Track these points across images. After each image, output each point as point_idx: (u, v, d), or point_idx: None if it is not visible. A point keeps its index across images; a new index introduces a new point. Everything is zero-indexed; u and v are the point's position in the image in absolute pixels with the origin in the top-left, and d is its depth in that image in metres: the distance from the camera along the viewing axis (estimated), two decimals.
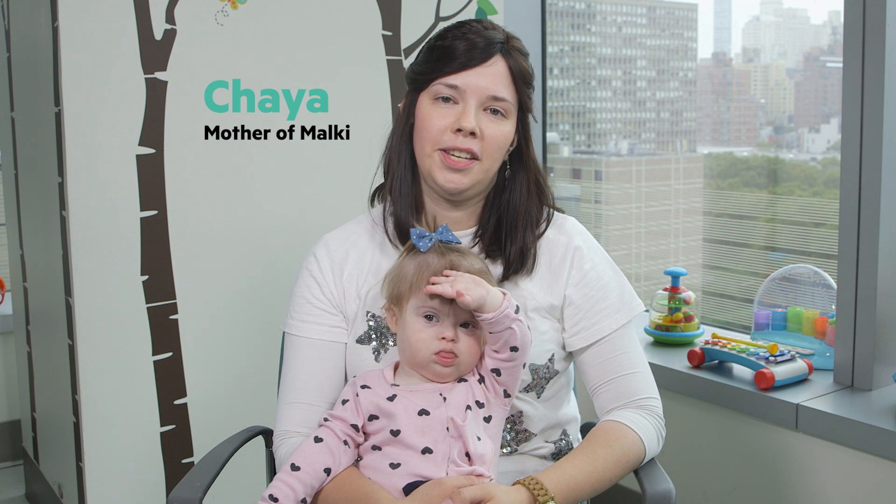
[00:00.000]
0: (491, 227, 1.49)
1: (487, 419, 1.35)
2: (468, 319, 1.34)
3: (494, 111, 1.43)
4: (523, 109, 1.48)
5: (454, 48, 1.42)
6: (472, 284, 1.28)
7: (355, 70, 2.34)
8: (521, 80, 1.45)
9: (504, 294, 1.31)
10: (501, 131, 1.44)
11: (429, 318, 1.34)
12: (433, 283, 1.30)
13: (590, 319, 1.48)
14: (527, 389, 1.46)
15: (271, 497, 1.29)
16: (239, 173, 2.22)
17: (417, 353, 1.34)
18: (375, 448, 1.33)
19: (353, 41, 2.34)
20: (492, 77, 1.42)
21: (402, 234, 1.48)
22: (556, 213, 1.56)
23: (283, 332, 1.55)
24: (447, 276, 1.31)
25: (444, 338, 1.32)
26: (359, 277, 1.51)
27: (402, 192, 1.49)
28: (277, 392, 1.56)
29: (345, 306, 1.51)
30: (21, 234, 2.66)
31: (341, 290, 1.51)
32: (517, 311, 1.31)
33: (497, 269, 1.47)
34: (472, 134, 1.41)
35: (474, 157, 1.42)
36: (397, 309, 1.37)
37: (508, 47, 1.45)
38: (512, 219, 1.48)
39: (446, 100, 1.43)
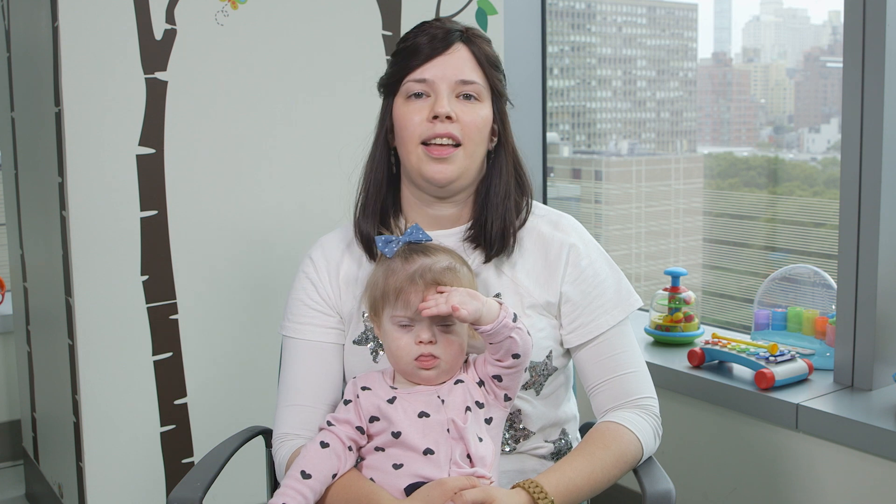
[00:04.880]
0: (482, 220, 1.49)
1: (488, 420, 1.35)
2: (445, 319, 1.32)
3: (467, 96, 1.45)
4: (497, 94, 1.49)
5: (416, 44, 1.45)
6: (468, 298, 1.27)
7: (355, 70, 2.34)
8: (487, 63, 1.47)
9: (500, 304, 1.30)
10: (477, 114, 1.45)
11: (404, 324, 1.34)
12: (426, 302, 1.29)
13: (587, 316, 1.48)
14: (525, 387, 1.46)
15: None
16: (239, 173, 2.22)
17: (399, 361, 1.34)
18: (378, 449, 1.33)
19: (354, 41, 2.34)
20: (457, 63, 1.44)
21: (366, 246, 1.49)
22: (552, 210, 1.56)
23: (282, 336, 1.55)
24: (441, 293, 1.30)
25: (420, 341, 1.32)
26: (354, 279, 1.51)
27: (367, 204, 1.50)
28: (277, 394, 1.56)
29: (341, 307, 1.51)
30: (21, 234, 2.66)
31: (337, 292, 1.51)
32: (515, 320, 1.30)
33: (479, 258, 1.47)
34: (449, 118, 1.42)
35: (457, 143, 1.43)
36: (377, 319, 1.38)
37: (468, 35, 1.47)
38: (494, 200, 1.48)
39: (418, 95, 1.45)
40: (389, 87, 1.50)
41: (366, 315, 1.48)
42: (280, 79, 2.24)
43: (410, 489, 1.29)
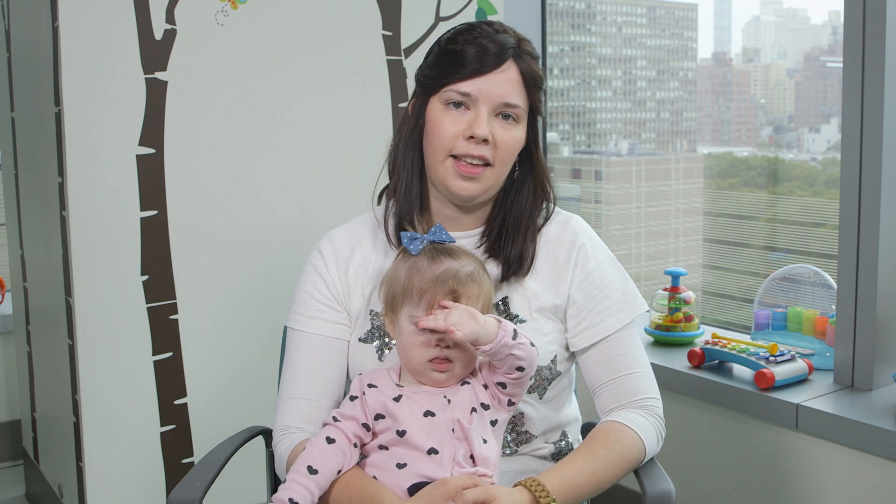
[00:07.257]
0: (497, 227, 1.49)
1: (493, 422, 1.34)
2: None
3: (506, 116, 1.42)
4: (534, 113, 1.47)
5: (466, 54, 1.41)
6: (466, 318, 1.26)
7: (355, 70, 2.34)
8: (532, 84, 1.44)
9: (499, 322, 1.29)
10: (513, 137, 1.43)
11: None
12: (428, 317, 1.29)
13: (593, 319, 1.47)
14: (528, 391, 1.45)
15: (292, 501, 1.28)
16: (239, 173, 2.22)
17: (413, 360, 1.33)
18: (382, 447, 1.33)
19: (354, 41, 2.34)
20: (504, 83, 1.41)
21: (397, 231, 1.47)
22: (561, 211, 1.55)
23: (286, 328, 1.54)
24: (445, 307, 1.29)
25: (438, 344, 1.31)
26: (363, 275, 1.50)
27: (406, 194, 1.48)
28: (278, 387, 1.55)
29: (349, 303, 1.50)
30: (21, 234, 2.66)
31: (346, 287, 1.50)
32: (515, 337, 1.29)
33: (497, 270, 1.47)
34: (485, 141, 1.40)
35: (487, 164, 1.42)
36: (393, 315, 1.37)
37: (520, 51, 1.43)
38: (515, 221, 1.48)
39: (458, 105, 1.41)
40: (428, 87, 1.45)
41: (373, 312, 1.48)
42: (280, 79, 2.24)
43: (414, 489, 1.28)
